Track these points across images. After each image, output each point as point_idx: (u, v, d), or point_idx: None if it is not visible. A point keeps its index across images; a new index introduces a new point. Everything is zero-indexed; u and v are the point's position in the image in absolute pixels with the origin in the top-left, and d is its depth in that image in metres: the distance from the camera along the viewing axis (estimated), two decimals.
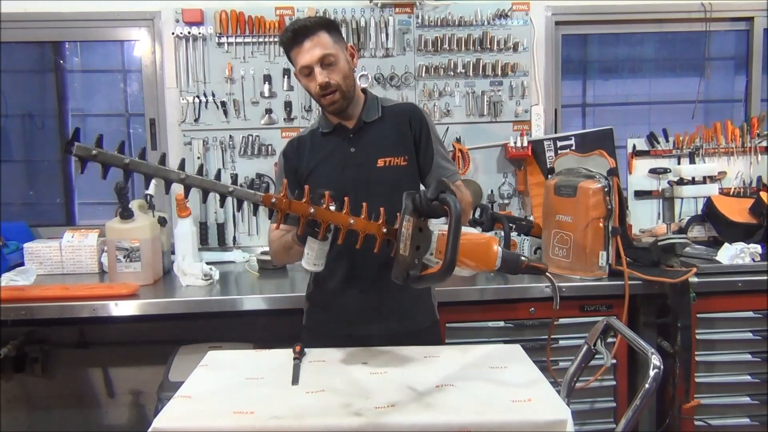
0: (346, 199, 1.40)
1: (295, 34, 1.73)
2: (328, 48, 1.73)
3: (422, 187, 1.88)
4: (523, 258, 1.54)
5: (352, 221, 1.39)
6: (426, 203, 1.37)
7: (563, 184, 2.46)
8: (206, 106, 2.91)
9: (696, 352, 2.38)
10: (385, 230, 1.44)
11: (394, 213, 1.81)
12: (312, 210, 1.35)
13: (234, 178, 2.91)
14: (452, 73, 2.99)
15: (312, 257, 1.55)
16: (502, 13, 2.97)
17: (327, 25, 1.77)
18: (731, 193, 3.03)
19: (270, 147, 2.94)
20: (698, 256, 2.57)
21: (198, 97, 2.90)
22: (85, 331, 2.85)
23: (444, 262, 1.33)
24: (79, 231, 2.77)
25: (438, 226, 1.43)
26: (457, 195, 1.38)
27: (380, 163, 1.82)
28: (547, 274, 1.66)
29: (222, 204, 1.31)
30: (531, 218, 2.84)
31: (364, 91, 1.91)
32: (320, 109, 1.90)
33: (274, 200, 1.31)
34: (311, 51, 1.72)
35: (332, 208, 1.43)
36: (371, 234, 1.42)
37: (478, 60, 2.98)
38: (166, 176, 1.23)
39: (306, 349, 1.66)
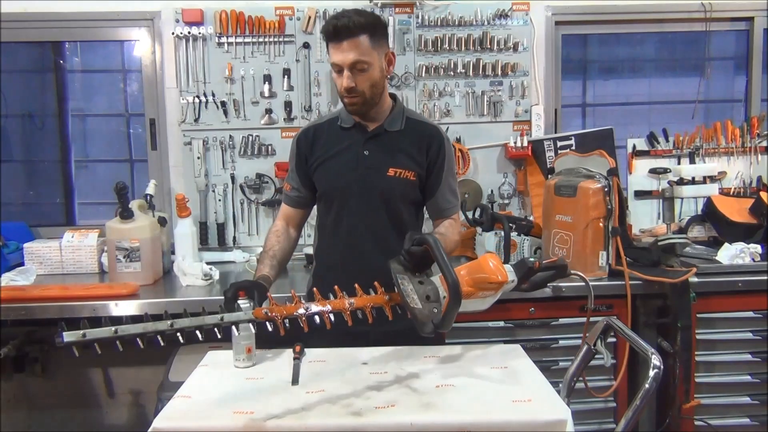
0: (336, 288, 1.43)
1: (336, 31, 1.71)
2: (363, 54, 1.72)
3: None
4: (531, 259, 1.59)
5: (351, 302, 1.41)
6: (407, 255, 1.45)
7: (563, 184, 2.46)
8: (206, 106, 2.91)
9: (696, 352, 2.38)
10: (387, 297, 1.45)
11: (396, 226, 1.85)
12: (306, 307, 1.37)
13: (233, 178, 2.94)
14: (452, 73, 2.99)
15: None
16: (502, 13, 2.96)
17: (371, 27, 1.74)
18: (731, 193, 3.03)
19: (270, 147, 2.93)
20: (698, 256, 2.57)
21: (198, 97, 2.90)
22: None
23: (448, 286, 1.35)
24: (79, 231, 2.76)
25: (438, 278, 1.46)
26: (441, 239, 1.45)
27: (391, 172, 1.84)
28: (577, 273, 1.70)
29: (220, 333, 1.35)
30: (531, 218, 2.84)
31: (393, 97, 1.91)
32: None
33: (266, 311, 1.33)
34: (346, 53, 1.71)
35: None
36: (377, 306, 1.44)
37: (478, 60, 2.98)
38: (156, 330, 1.25)
39: (306, 349, 1.67)
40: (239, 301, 1.60)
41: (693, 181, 2.74)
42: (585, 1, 3.07)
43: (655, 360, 1.45)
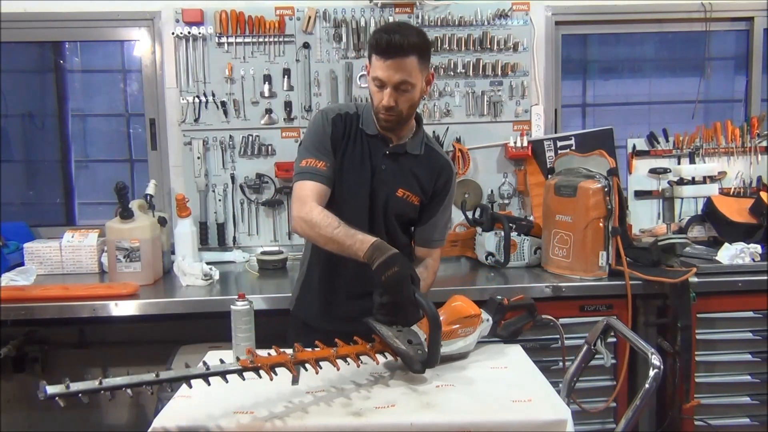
0: (317, 343, 1.47)
1: (388, 47, 1.66)
2: (410, 76, 1.69)
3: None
4: (498, 297, 1.74)
5: (333, 351, 1.44)
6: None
7: (563, 184, 2.46)
8: (206, 106, 2.91)
9: (696, 352, 2.38)
10: (369, 345, 1.52)
11: (392, 243, 1.87)
12: (291, 354, 1.39)
13: (233, 178, 2.94)
14: (452, 73, 2.99)
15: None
16: (502, 13, 2.96)
17: (421, 49, 1.71)
18: (731, 193, 3.03)
19: (270, 147, 2.93)
20: (698, 256, 2.57)
21: (198, 97, 2.90)
22: (85, 331, 2.84)
23: (427, 315, 1.46)
24: (79, 231, 2.76)
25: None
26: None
27: (400, 192, 1.85)
28: (549, 317, 1.89)
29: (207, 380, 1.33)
30: (531, 218, 2.84)
31: (419, 120, 1.91)
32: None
33: (251, 360, 1.33)
34: (393, 71, 1.68)
35: None
36: (362, 354, 1.50)
37: (478, 60, 2.98)
38: (141, 381, 1.23)
39: (306, 350, 1.66)
40: (237, 303, 1.60)
41: (693, 181, 2.74)
42: (585, 1, 3.07)
43: (655, 360, 1.46)
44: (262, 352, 1.66)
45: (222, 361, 1.31)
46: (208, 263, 2.58)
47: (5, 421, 2.84)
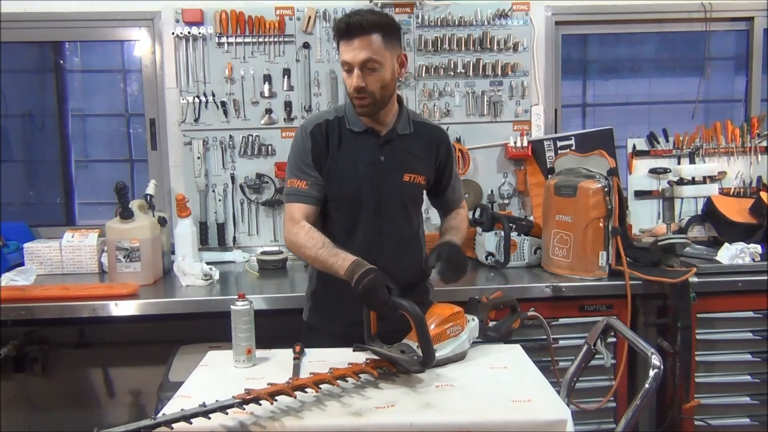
0: (312, 371, 1.46)
1: (348, 28, 1.68)
2: (375, 53, 1.69)
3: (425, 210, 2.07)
4: (476, 297, 1.80)
5: (330, 373, 1.44)
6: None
7: (563, 184, 2.46)
8: (206, 106, 2.91)
9: (696, 352, 2.38)
10: (365, 363, 1.53)
11: (410, 229, 1.90)
12: (287, 382, 1.38)
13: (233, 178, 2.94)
14: (452, 73, 2.99)
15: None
16: (502, 13, 2.96)
17: (384, 27, 1.71)
18: (731, 193, 3.03)
19: (270, 147, 2.93)
20: (698, 256, 2.57)
21: (198, 97, 2.90)
22: (85, 331, 2.85)
23: (407, 311, 1.50)
24: (79, 231, 2.76)
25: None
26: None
27: (406, 177, 1.84)
28: (536, 314, 1.97)
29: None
30: (531, 218, 2.84)
31: (399, 99, 1.90)
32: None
33: (247, 390, 1.31)
34: (357, 51, 1.68)
35: None
36: (359, 372, 1.51)
37: (478, 60, 2.98)
38: (138, 427, 1.21)
39: (306, 349, 1.67)
40: (237, 303, 1.60)
41: (693, 181, 2.74)
42: (585, 1, 3.07)
43: (655, 360, 1.46)
44: (262, 352, 1.68)
45: (217, 401, 1.28)
46: (208, 263, 2.58)
47: (5, 421, 2.84)
